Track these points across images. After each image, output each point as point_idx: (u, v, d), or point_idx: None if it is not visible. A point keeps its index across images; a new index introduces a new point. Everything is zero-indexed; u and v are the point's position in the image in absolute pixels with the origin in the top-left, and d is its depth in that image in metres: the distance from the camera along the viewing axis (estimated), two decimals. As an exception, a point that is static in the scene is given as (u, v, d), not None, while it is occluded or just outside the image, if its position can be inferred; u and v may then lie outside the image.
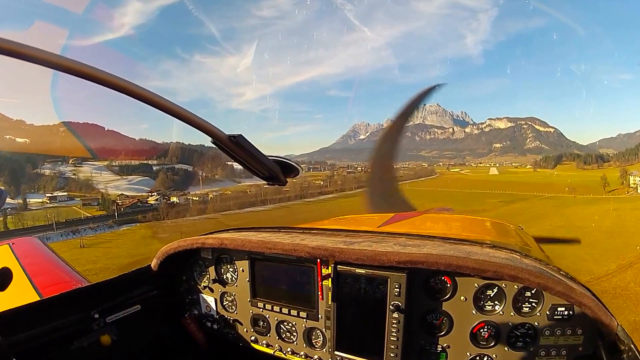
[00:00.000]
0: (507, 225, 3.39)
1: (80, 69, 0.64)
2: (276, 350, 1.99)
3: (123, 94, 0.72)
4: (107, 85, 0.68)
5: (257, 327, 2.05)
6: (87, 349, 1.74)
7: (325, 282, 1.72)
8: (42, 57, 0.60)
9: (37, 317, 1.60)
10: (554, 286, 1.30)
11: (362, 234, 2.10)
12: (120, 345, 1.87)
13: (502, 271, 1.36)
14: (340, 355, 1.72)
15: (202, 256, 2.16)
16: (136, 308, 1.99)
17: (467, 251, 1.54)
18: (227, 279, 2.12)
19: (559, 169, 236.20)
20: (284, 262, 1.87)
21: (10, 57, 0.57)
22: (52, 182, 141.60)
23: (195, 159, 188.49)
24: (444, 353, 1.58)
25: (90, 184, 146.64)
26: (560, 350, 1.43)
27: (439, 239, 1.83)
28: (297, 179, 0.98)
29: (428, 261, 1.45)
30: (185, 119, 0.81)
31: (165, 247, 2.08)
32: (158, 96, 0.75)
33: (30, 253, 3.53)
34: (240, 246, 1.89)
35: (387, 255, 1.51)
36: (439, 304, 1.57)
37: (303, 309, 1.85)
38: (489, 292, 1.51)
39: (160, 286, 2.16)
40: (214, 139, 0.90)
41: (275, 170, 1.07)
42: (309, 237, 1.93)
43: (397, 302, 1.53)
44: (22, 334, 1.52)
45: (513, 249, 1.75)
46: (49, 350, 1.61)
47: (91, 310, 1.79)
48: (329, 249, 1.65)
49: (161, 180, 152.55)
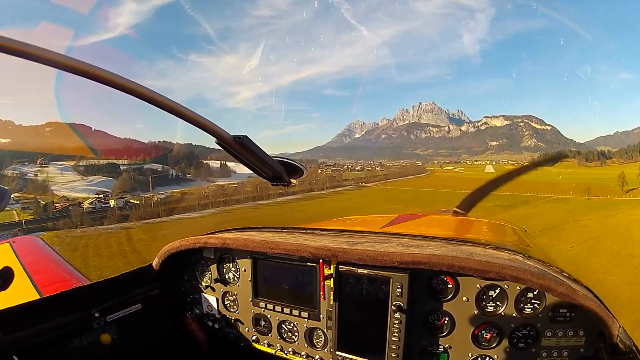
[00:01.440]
0: (510, 226, 3.32)
1: (85, 68, 0.63)
2: (277, 350, 1.96)
3: (128, 94, 0.70)
4: (112, 85, 0.67)
5: (258, 326, 2.01)
6: (87, 347, 1.72)
7: (327, 282, 1.69)
8: (45, 56, 0.58)
9: (37, 315, 1.58)
10: (556, 287, 1.29)
11: (365, 234, 2.06)
12: (120, 344, 1.84)
13: (504, 272, 1.35)
14: (342, 356, 1.69)
15: (204, 255, 2.11)
16: (137, 307, 1.95)
17: (469, 252, 1.52)
18: (229, 279, 2.07)
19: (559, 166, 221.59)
20: (286, 262, 1.83)
21: (9, 56, 0.54)
22: (12, 183, 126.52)
23: (170, 158, 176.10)
24: (446, 354, 1.56)
25: (45, 185, 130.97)
26: (562, 352, 1.41)
27: (441, 240, 1.80)
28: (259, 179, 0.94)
29: (430, 262, 1.43)
30: (190, 120, 0.80)
31: (167, 247, 2.04)
32: (163, 96, 0.74)
33: (30, 251, 3.50)
34: (243, 246, 1.86)
35: (390, 255, 1.49)
36: (441, 304, 1.55)
37: (305, 309, 1.82)
38: (491, 292, 1.49)
39: (162, 285, 2.12)
40: (218, 140, 0.88)
41: (279, 171, 1.06)
42: (312, 237, 1.91)
43: (399, 302, 1.51)
44: (22, 332, 1.50)
45: (516, 250, 1.73)
46: (49, 348, 1.59)
47: (91, 309, 1.76)
48: (331, 249, 1.63)
49: (123, 181, 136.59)
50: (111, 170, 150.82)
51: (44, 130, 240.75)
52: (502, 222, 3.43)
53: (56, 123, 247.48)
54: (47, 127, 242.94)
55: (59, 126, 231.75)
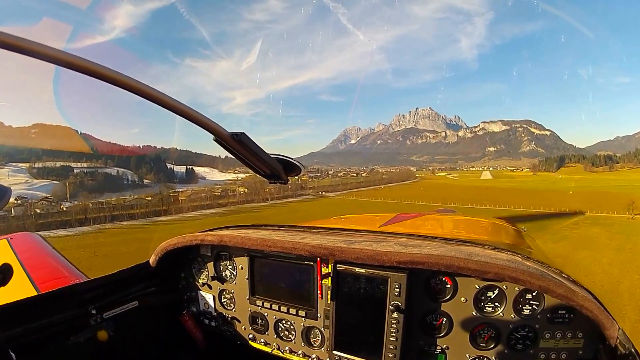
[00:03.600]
0: (510, 227, 3.31)
1: (83, 64, 0.60)
2: (274, 349, 1.92)
3: (128, 91, 0.67)
4: (112, 82, 0.64)
5: (255, 325, 1.97)
6: (84, 344, 1.69)
7: (324, 281, 1.65)
8: (42, 52, 0.55)
9: (35, 311, 1.56)
10: (555, 289, 1.26)
11: (363, 233, 2.02)
12: (117, 341, 1.81)
13: (503, 273, 1.32)
14: (339, 355, 1.66)
15: (201, 253, 2.07)
16: (134, 304, 1.91)
17: (468, 252, 1.49)
18: (226, 277, 2.03)
19: (562, 171, 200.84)
20: (284, 260, 1.79)
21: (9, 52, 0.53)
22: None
23: (132, 162, 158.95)
24: (443, 354, 1.53)
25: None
26: (560, 354, 1.38)
27: (440, 240, 1.78)
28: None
29: (429, 262, 1.41)
30: (187, 116, 0.77)
31: (164, 244, 1.99)
32: (160, 92, 0.71)
33: (28, 248, 3.43)
34: (240, 243, 1.82)
35: (388, 255, 1.47)
36: (439, 304, 1.52)
37: (302, 308, 1.79)
38: (490, 293, 1.46)
39: (159, 283, 2.08)
40: (216, 137, 0.86)
41: (277, 169, 1.03)
42: (309, 235, 1.88)
43: (397, 302, 1.48)
44: (19, 329, 1.48)
45: (515, 250, 1.70)
46: (46, 345, 1.57)
47: (88, 305, 1.73)
48: (329, 247, 1.59)
49: (62, 185, 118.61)
50: (62, 174, 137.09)
51: (30, 132, 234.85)
52: (501, 222, 3.36)
53: (42, 125, 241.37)
54: (33, 129, 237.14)
55: (45, 128, 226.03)
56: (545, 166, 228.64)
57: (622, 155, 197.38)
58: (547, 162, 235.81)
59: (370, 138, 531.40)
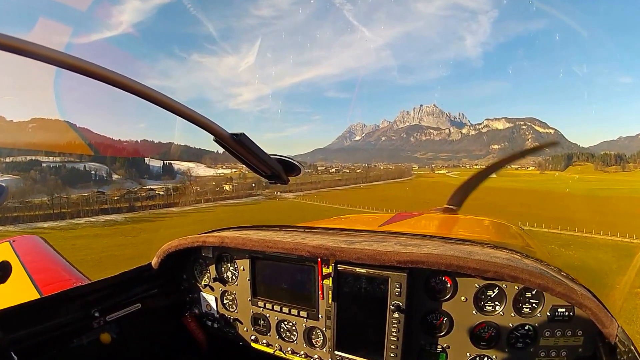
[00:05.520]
0: (509, 225, 3.27)
1: (84, 66, 0.60)
2: (276, 350, 1.90)
3: (126, 92, 0.67)
4: (112, 83, 0.64)
5: (257, 326, 1.96)
6: (87, 347, 1.68)
7: (325, 282, 1.64)
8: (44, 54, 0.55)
9: (37, 314, 1.54)
10: (555, 287, 1.25)
11: (363, 233, 1.98)
12: (120, 343, 1.80)
13: (502, 272, 1.31)
14: (340, 355, 1.64)
15: (202, 255, 2.06)
16: (136, 307, 1.89)
17: (468, 251, 1.48)
18: (228, 278, 2.02)
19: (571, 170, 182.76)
20: (285, 261, 1.78)
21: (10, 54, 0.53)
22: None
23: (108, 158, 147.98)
24: (444, 353, 1.52)
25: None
26: (560, 351, 1.37)
27: (440, 239, 1.75)
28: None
29: (429, 261, 1.40)
30: (187, 117, 0.77)
31: (166, 246, 1.97)
32: (161, 94, 0.71)
33: (31, 251, 3.42)
34: (241, 245, 1.80)
35: (388, 254, 1.45)
36: (439, 304, 1.50)
37: (303, 308, 1.77)
38: (490, 292, 1.45)
39: (161, 284, 2.06)
40: (216, 137, 0.85)
41: (277, 169, 1.02)
42: (310, 236, 1.85)
43: (397, 302, 1.47)
44: (22, 331, 1.46)
45: (514, 249, 1.67)
46: (49, 348, 1.56)
47: (91, 308, 1.71)
48: (329, 248, 1.58)
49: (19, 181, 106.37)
50: (28, 169, 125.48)
51: (27, 126, 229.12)
52: (500, 220, 3.34)
53: (40, 119, 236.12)
54: (30, 124, 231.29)
55: (44, 122, 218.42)
56: (553, 164, 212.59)
57: (636, 153, 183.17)
58: (554, 160, 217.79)
59: (374, 135, 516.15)
